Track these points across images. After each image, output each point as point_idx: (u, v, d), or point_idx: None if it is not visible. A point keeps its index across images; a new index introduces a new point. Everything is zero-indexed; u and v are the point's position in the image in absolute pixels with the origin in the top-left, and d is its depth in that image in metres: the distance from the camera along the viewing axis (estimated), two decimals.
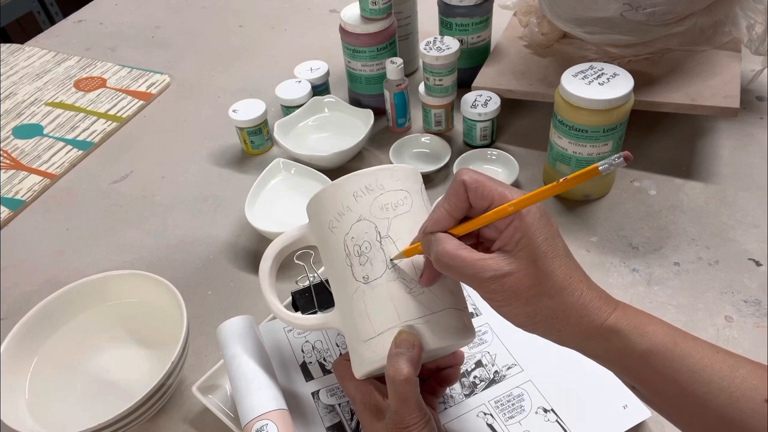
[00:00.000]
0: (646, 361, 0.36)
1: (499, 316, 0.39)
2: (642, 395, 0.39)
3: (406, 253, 0.42)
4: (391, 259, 0.43)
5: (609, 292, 0.57)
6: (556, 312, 0.37)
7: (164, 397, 0.53)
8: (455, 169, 0.74)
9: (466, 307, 0.45)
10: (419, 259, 0.43)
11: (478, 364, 0.54)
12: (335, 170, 0.78)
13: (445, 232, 0.40)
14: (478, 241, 0.42)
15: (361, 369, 0.43)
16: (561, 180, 0.35)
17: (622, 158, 0.32)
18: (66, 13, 1.33)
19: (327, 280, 0.56)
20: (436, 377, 0.49)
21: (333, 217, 0.44)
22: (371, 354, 0.42)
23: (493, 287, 0.37)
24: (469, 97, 0.78)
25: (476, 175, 0.39)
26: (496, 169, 0.76)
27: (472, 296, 0.60)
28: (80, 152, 0.88)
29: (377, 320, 0.42)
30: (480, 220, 0.38)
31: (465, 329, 0.43)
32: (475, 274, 0.37)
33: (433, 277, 0.42)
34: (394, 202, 0.44)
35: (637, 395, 0.39)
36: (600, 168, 0.33)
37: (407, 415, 0.40)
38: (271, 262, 0.49)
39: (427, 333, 0.41)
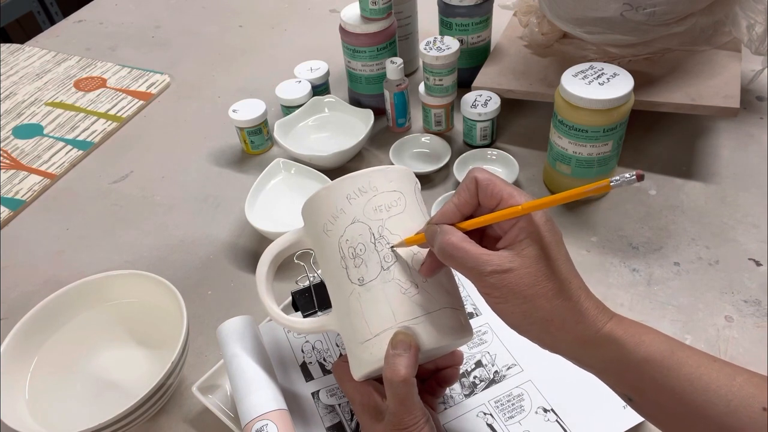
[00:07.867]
0: (643, 369, 0.36)
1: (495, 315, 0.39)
2: (638, 406, 0.39)
3: (408, 242, 0.42)
4: (391, 247, 0.43)
5: (609, 292, 0.57)
6: (552, 314, 0.37)
7: (164, 397, 0.53)
8: (455, 169, 0.74)
9: (463, 307, 0.45)
10: (416, 258, 0.43)
11: (478, 364, 0.54)
12: (335, 170, 0.78)
13: (453, 225, 0.40)
14: (481, 240, 0.42)
15: (359, 371, 0.43)
16: (572, 191, 0.36)
17: (634, 176, 0.33)
18: (66, 13, 1.33)
19: None
20: (435, 377, 0.49)
21: (327, 220, 0.44)
22: (368, 356, 0.42)
23: (492, 281, 0.37)
24: (469, 97, 0.78)
25: (488, 174, 0.40)
26: (496, 169, 0.76)
27: (471, 296, 0.60)
28: (80, 152, 0.88)
29: (373, 322, 0.42)
30: (489, 218, 0.39)
31: (461, 329, 0.43)
32: (477, 267, 0.37)
33: (434, 267, 0.42)
34: (387, 203, 0.44)
35: (632, 407, 0.39)
36: (611, 183, 0.34)
37: (406, 416, 0.40)
38: (268, 266, 0.49)
39: (424, 333, 0.41)
